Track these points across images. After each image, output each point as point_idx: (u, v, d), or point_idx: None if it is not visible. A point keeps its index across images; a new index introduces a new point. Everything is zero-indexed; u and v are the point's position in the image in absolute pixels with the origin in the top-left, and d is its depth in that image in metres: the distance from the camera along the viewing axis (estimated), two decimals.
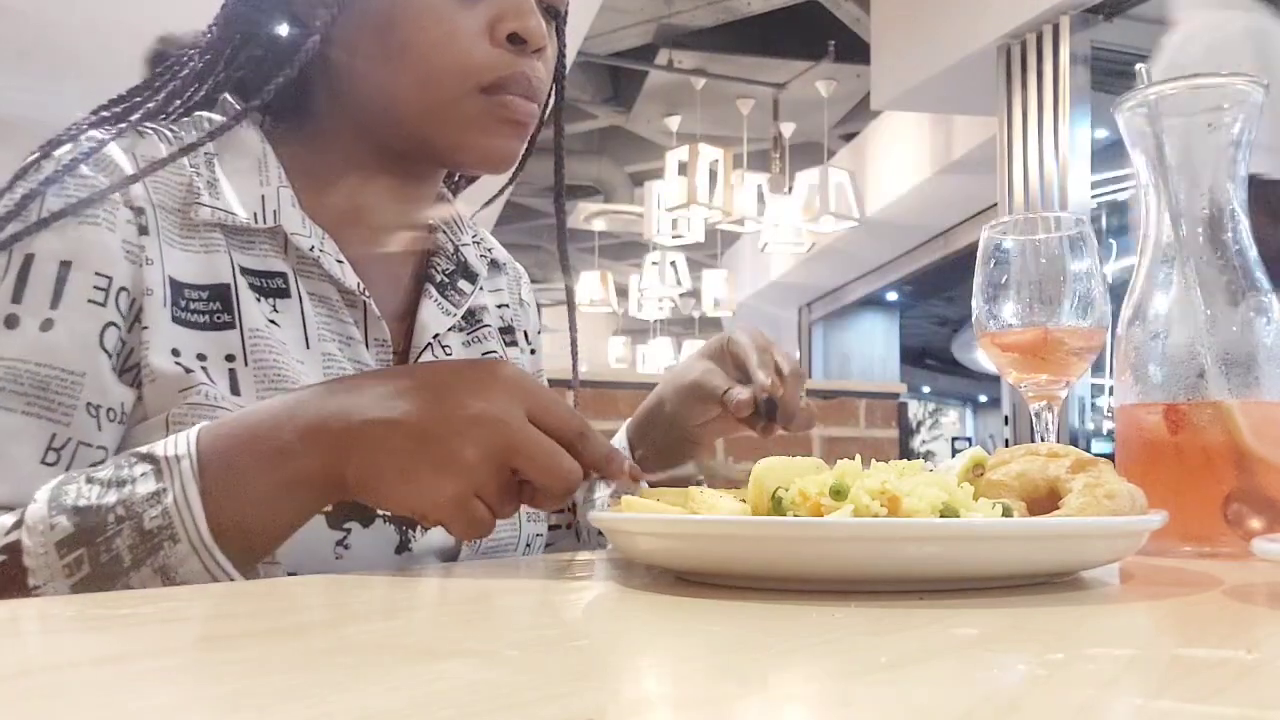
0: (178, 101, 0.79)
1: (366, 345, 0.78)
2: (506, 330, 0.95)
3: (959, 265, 6.47)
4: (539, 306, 1.05)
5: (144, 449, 0.58)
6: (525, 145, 0.81)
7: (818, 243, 6.72)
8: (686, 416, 0.87)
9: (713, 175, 5.66)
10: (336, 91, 0.80)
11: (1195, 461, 0.69)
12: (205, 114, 0.79)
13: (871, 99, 4.81)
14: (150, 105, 0.78)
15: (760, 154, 6.88)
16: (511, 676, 0.31)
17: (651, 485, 0.70)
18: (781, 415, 0.81)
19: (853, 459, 0.53)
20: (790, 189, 5.99)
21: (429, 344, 0.83)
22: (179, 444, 0.57)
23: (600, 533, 0.78)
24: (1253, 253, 0.72)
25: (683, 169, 5.64)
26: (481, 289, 0.91)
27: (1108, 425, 3.71)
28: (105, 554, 0.54)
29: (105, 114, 0.78)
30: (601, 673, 0.34)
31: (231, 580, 0.55)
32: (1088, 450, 0.80)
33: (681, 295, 7.92)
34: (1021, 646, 0.37)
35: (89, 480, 0.56)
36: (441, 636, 0.39)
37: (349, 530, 0.70)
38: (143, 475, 0.56)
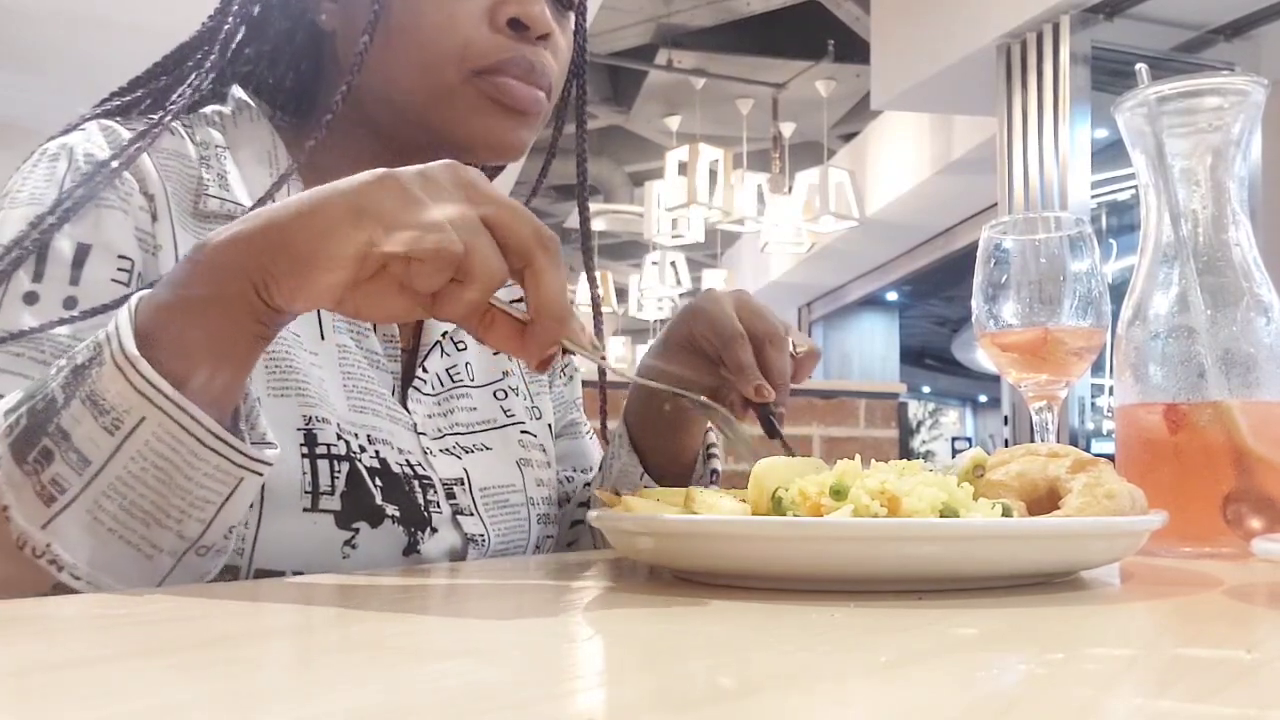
0: (186, 90, 0.78)
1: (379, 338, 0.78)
2: None
3: (959, 265, 6.47)
4: None
5: None
6: (532, 133, 0.78)
7: (817, 243, 6.71)
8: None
9: (713, 175, 5.65)
10: (343, 81, 0.78)
11: (1195, 461, 0.69)
12: (216, 108, 0.79)
13: (871, 99, 4.81)
14: (154, 98, 0.77)
15: (760, 154, 6.88)
16: (511, 676, 0.31)
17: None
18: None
19: (853, 459, 0.53)
20: (790, 189, 5.99)
21: (438, 341, 0.82)
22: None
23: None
24: (1253, 253, 0.72)
25: (683, 169, 5.63)
26: None
27: (1108, 425, 3.71)
28: (41, 401, 0.51)
29: (110, 106, 0.77)
30: (601, 673, 0.34)
31: (176, 409, 0.50)
32: (1088, 450, 0.80)
33: (681, 295, 7.91)
34: (1021, 646, 0.37)
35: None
36: (441, 636, 0.39)
37: (357, 530, 0.69)
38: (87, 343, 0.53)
